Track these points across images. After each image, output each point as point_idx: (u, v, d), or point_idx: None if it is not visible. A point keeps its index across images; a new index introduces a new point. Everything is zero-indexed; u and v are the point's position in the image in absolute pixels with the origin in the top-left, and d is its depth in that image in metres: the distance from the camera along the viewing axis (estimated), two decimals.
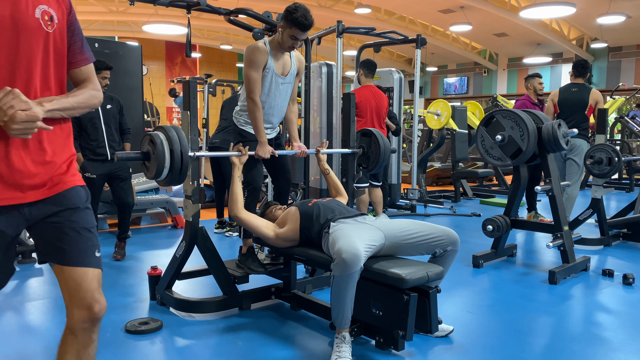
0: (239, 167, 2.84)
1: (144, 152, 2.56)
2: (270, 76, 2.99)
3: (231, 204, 2.80)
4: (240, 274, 3.05)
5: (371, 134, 3.41)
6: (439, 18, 14.15)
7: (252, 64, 2.92)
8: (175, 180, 2.55)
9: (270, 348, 2.50)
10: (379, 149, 3.35)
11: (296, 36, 2.86)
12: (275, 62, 2.99)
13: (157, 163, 2.46)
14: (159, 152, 2.45)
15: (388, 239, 2.45)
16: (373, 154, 3.40)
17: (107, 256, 4.24)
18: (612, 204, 7.07)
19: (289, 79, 3.10)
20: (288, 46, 2.92)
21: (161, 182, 2.57)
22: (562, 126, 3.79)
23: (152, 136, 2.49)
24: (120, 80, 5.98)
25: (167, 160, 2.48)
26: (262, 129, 2.95)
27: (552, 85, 16.54)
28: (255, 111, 2.94)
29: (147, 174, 2.58)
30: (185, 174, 2.57)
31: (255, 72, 2.92)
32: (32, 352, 2.46)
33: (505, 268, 3.99)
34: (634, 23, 12.58)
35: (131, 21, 15.85)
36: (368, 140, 3.44)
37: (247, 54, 2.94)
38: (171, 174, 2.51)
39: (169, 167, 2.50)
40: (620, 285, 3.54)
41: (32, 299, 3.20)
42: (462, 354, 2.47)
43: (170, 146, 2.48)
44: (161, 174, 2.50)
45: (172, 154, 2.48)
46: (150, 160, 2.53)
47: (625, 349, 2.54)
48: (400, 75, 6.50)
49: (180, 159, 2.50)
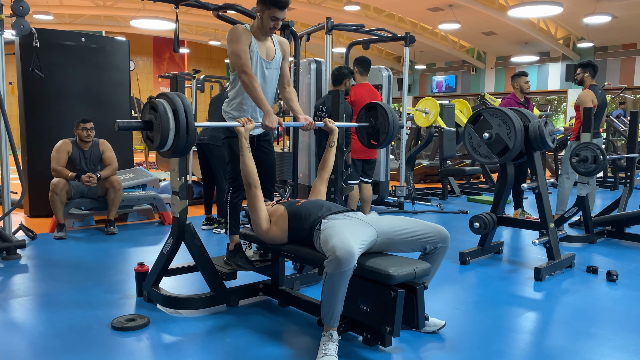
0: (246, 136, 2.72)
1: (146, 121, 2.46)
2: (255, 60, 2.97)
3: (247, 177, 2.69)
4: (228, 271, 3.04)
5: (377, 106, 3.31)
6: (428, 16, 14.20)
7: (236, 40, 2.89)
8: (181, 150, 2.43)
9: (257, 345, 2.50)
10: (387, 121, 3.23)
11: (276, 16, 2.86)
12: (259, 44, 2.98)
13: (162, 132, 2.35)
14: (163, 120, 2.34)
15: (380, 234, 2.46)
16: (382, 127, 3.28)
17: (94, 253, 4.21)
18: (597, 201, 7.15)
19: (274, 65, 3.09)
20: (269, 28, 2.91)
21: (165, 153, 2.47)
22: (548, 124, 3.83)
23: (155, 103, 2.39)
24: (108, 76, 5.92)
25: (172, 129, 2.36)
26: (263, 98, 2.91)
27: (539, 84, 16.70)
28: (252, 82, 2.88)
29: (151, 145, 2.47)
30: (192, 143, 2.45)
31: (243, 46, 2.89)
32: (17, 349, 2.43)
33: (491, 265, 4.02)
34: (619, 23, 12.73)
35: (119, 16, 15.70)
36: (374, 114, 3.32)
37: (229, 35, 2.93)
38: (176, 143, 2.40)
39: (174, 135, 2.38)
40: (604, 282, 3.59)
41: (16, 295, 3.17)
42: (450, 350, 2.49)
43: (175, 112, 2.37)
44: (165, 144, 2.39)
45: (177, 122, 2.37)
46: (154, 129, 2.43)
47: (609, 344, 2.58)
48: (389, 73, 6.51)
49: (186, 127, 2.38)
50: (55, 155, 4.77)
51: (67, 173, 4.71)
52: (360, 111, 3.41)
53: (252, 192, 2.70)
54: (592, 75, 5.32)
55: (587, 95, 5.23)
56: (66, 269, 3.75)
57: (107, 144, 5.05)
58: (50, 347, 2.44)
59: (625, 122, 9.86)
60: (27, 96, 5.49)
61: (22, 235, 4.56)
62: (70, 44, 5.66)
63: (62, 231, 4.67)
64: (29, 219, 5.47)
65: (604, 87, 5.74)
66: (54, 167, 4.75)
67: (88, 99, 5.75)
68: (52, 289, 3.29)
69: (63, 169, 4.74)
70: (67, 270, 3.72)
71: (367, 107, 3.39)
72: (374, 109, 3.33)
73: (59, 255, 4.12)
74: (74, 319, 2.78)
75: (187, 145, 2.44)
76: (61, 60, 5.58)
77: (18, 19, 4.09)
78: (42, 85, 5.40)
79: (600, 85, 5.54)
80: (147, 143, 2.54)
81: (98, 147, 4.99)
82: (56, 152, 4.79)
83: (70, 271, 3.70)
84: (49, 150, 4.87)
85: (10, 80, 7.46)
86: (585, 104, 5.14)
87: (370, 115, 3.35)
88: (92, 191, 4.93)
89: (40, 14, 12.66)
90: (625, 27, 13.25)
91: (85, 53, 5.75)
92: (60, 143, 4.84)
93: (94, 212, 5.16)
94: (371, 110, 3.35)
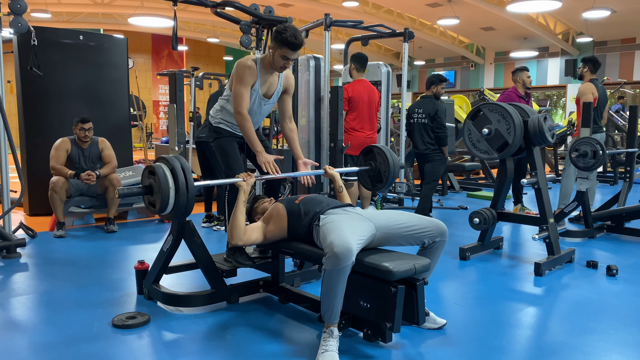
0: (246, 191, 2.74)
1: (146, 186, 2.51)
2: (254, 97, 3.02)
3: (232, 232, 2.69)
4: (228, 268, 3.04)
5: (373, 149, 3.31)
6: (427, 12, 14.18)
7: (242, 81, 2.93)
8: (183, 209, 2.48)
9: (258, 341, 2.50)
10: (387, 162, 3.23)
11: (287, 56, 2.87)
12: (262, 84, 3.02)
13: (162, 193, 2.41)
14: (162, 182, 2.40)
15: (379, 229, 2.46)
16: (382, 168, 3.27)
17: (94, 251, 4.21)
18: (596, 196, 7.15)
19: (272, 100, 3.14)
20: (280, 66, 2.95)
21: (168, 215, 2.51)
22: (547, 119, 3.82)
23: (153, 167, 2.43)
24: (106, 74, 5.91)
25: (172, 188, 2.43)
26: (255, 138, 2.97)
27: (538, 79, 16.68)
28: (245, 123, 2.94)
29: (153, 210, 2.53)
30: (193, 201, 2.50)
31: (245, 89, 2.94)
32: (17, 347, 2.43)
33: (491, 260, 4.02)
34: (618, 17, 12.71)
35: (117, 13, 15.67)
36: (372, 157, 3.32)
37: (238, 71, 2.95)
38: (178, 201, 2.45)
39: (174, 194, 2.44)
40: (604, 277, 3.60)
41: (17, 294, 3.17)
42: (450, 345, 2.49)
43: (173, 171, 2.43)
44: (167, 204, 2.45)
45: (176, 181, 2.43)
46: (154, 193, 2.48)
47: (609, 338, 2.58)
48: (388, 69, 6.50)
49: (185, 185, 2.44)
50: (55, 154, 4.77)
51: (67, 171, 4.71)
52: (359, 156, 3.42)
53: (244, 242, 2.71)
54: (592, 71, 5.31)
55: (587, 88, 5.21)
56: (66, 267, 3.75)
57: (106, 142, 5.04)
58: (51, 345, 2.44)
59: (624, 117, 9.85)
60: (26, 95, 5.48)
61: (22, 234, 4.56)
62: (69, 42, 5.65)
63: (61, 229, 4.67)
64: (29, 218, 5.47)
65: (603, 82, 5.73)
66: (53, 165, 4.74)
67: (87, 97, 5.75)
68: (53, 287, 3.29)
69: (62, 167, 4.74)
70: (67, 269, 3.72)
71: (365, 151, 3.39)
72: (371, 152, 3.35)
73: (59, 254, 4.12)
74: (75, 317, 2.79)
75: (189, 204, 2.48)
76: (59, 59, 5.57)
77: (16, 17, 4.08)
78: (41, 83, 5.39)
79: (600, 80, 5.52)
80: (149, 209, 2.58)
81: (97, 145, 4.98)
82: (55, 151, 4.78)
83: (71, 269, 3.70)
84: (48, 149, 4.86)
85: (9, 79, 7.45)
86: (585, 96, 5.12)
87: (369, 158, 3.36)
88: (91, 189, 4.93)
89: (38, 12, 12.64)
90: (624, 22, 13.23)
91: (84, 51, 5.74)
92: (59, 141, 4.83)
93: (94, 210, 5.16)
94: (369, 153, 3.37)
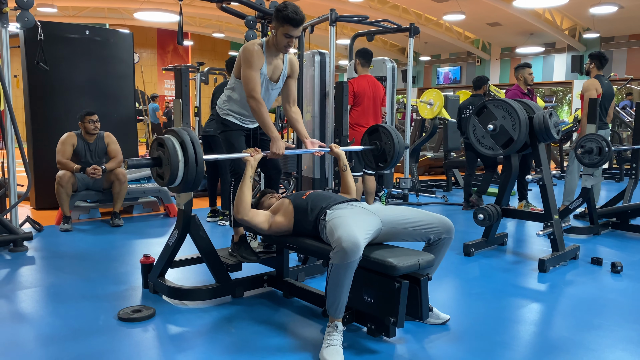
0: (253, 166, 2.74)
1: (155, 158, 2.48)
2: (262, 81, 3.00)
3: (238, 206, 2.69)
4: (232, 262, 3.06)
5: (379, 128, 3.31)
6: (433, 7, 14.11)
7: (251, 65, 2.90)
8: (191, 182, 2.45)
9: (263, 335, 2.51)
10: (392, 142, 3.24)
11: (290, 33, 2.85)
12: (268, 66, 3.00)
13: (171, 165, 2.38)
14: (171, 154, 2.37)
15: (385, 224, 2.47)
16: (387, 148, 3.28)
17: (100, 245, 4.24)
18: (602, 193, 7.13)
19: (279, 84, 3.12)
20: (284, 45, 2.92)
21: (176, 187, 2.49)
22: (553, 116, 3.81)
23: (162, 139, 2.41)
24: (112, 68, 5.93)
25: (181, 161, 2.39)
26: (271, 124, 2.94)
27: (544, 75, 16.60)
28: (260, 108, 2.91)
29: (162, 182, 2.51)
30: (202, 175, 2.47)
31: (255, 72, 2.91)
32: (24, 339, 2.46)
33: (495, 256, 4.02)
34: (626, 13, 12.61)
35: (122, 8, 15.69)
36: (378, 136, 3.33)
37: (245, 55, 2.92)
38: (187, 174, 2.42)
39: (183, 167, 2.41)
40: (608, 273, 3.59)
41: (24, 287, 3.20)
42: (454, 340, 2.50)
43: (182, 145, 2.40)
44: (176, 177, 2.42)
45: (186, 154, 2.40)
46: (163, 165, 2.46)
47: (613, 335, 2.59)
48: (393, 65, 6.49)
49: (194, 158, 2.41)
50: (61, 148, 4.80)
51: (73, 165, 4.74)
52: (364, 136, 3.41)
53: (248, 218, 2.69)
54: (598, 67, 5.28)
55: (591, 84, 5.19)
56: (72, 261, 3.78)
57: (112, 137, 5.06)
58: (57, 337, 2.47)
59: (631, 113, 9.80)
60: (32, 89, 5.51)
61: (29, 228, 4.59)
62: (75, 37, 5.67)
63: (68, 223, 4.70)
64: (35, 212, 5.51)
65: (609, 78, 5.70)
66: (59, 159, 4.77)
67: (92, 92, 5.77)
68: (59, 281, 3.32)
69: (68, 162, 4.76)
70: (73, 262, 3.75)
71: (370, 130, 3.38)
72: (376, 132, 3.34)
73: (65, 247, 4.15)
74: (81, 310, 2.81)
75: (197, 177, 2.45)
76: (65, 53, 5.59)
77: (22, 11, 4.10)
78: (47, 78, 5.41)
79: (607, 76, 5.49)
80: (157, 181, 2.56)
81: (103, 139, 5.00)
82: (61, 145, 4.81)
83: (77, 263, 3.73)
84: (54, 143, 4.89)
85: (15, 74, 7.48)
86: (589, 92, 5.10)
87: (374, 138, 3.35)
88: (97, 184, 4.95)
89: (44, 6, 12.67)
90: (631, 17, 13.13)
91: (90, 46, 5.75)
92: (66, 136, 4.86)
93: (100, 205, 5.19)
94: (374, 133, 3.36)
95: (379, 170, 3.41)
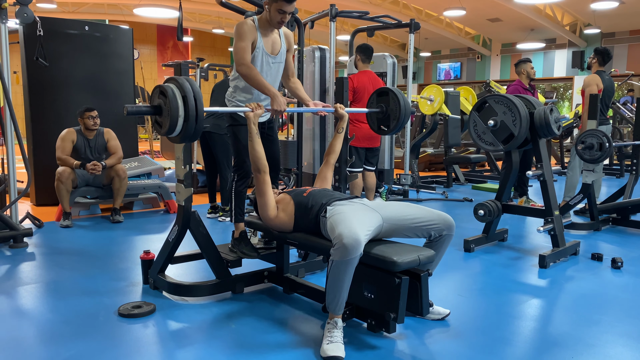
0: (255, 121, 2.71)
1: (155, 106, 2.45)
2: (260, 55, 2.98)
3: (256, 161, 2.67)
4: (233, 258, 3.06)
5: (389, 91, 3.27)
6: (433, 3, 14.08)
7: (241, 37, 2.90)
8: (190, 136, 2.41)
9: (263, 331, 2.51)
10: (399, 107, 3.20)
11: (283, 9, 2.85)
12: (264, 40, 2.99)
13: (171, 117, 2.34)
14: (172, 106, 2.33)
15: (386, 220, 2.46)
16: (393, 113, 3.25)
17: (100, 241, 4.24)
18: (602, 189, 7.12)
19: (279, 59, 3.10)
20: (277, 21, 2.92)
21: (174, 138, 2.45)
22: (553, 111, 3.80)
23: (164, 88, 2.37)
24: (111, 64, 5.92)
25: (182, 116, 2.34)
26: (266, 83, 2.90)
27: (545, 71, 16.56)
28: (251, 72, 2.89)
29: (159, 129, 2.47)
30: (201, 128, 2.44)
31: (245, 43, 2.90)
32: (24, 335, 2.46)
33: (496, 252, 4.02)
34: (627, 9, 12.58)
35: (122, 4, 15.64)
36: (386, 99, 3.29)
37: (236, 30, 2.93)
38: (185, 129, 2.38)
39: (182, 122, 2.36)
40: (609, 269, 3.59)
41: (24, 283, 3.20)
42: (454, 336, 2.50)
43: (184, 98, 2.35)
44: (174, 129, 2.38)
45: (187, 107, 2.35)
46: (163, 115, 2.42)
47: (614, 330, 2.59)
48: (394, 60, 6.47)
49: (195, 113, 2.36)
50: (60, 144, 4.79)
51: (72, 162, 4.73)
52: (372, 96, 3.39)
53: (262, 178, 2.70)
54: (601, 63, 5.27)
55: (592, 79, 5.18)
56: (73, 257, 3.78)
57: (111, 133, 5.06)
58: (57, 333, 2.47)
59: (632, 109, 9.78)
60: (32, 85, 5.50)
61: (29, 224, 4.59)
62: (74, 33, 5.65)
63: (68, 219, 4.69)
64: (35, 208, 5.51)
65: (610, 74, 5.69)
66: (59, 155, 4.77)
67: (92, 88, 5.76)
68: (59, 277, 3.32)
69: (68, 158, 4.76)
70: (73, 258, 3.75)
71: (379, 92, 3.36)
72: (385, 94, 3.30)
73: (65, 244, 4.15)
74: (81, 306, 2.81)
75: (196, 131, 2.42)
76: (65, 49, 5.58)
77: (22, 7, 4.08)
78: (47, 74, 5.40)
79: (608, 72, 5.48)
80: (155, 128, 2.53)
81: (103, 135, 5.00)
82: (61, 141, 4.80)
83: (77, 259, 3.73)
84: (54, 139, 4.88)
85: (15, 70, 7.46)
86: (590, 87, 5.09)
87: (381, 100, 3.32)
88: (97, 180, 4.95)
89: (44, 2, 12.63)
90: (632, 13, 13.09)
91: (89, 42, 5.74)
92: (65, 132, 4.85)
93: (100, 201, 5.19)
94: (383, 95, 3.32)
95: (380, 133, 3.40)
